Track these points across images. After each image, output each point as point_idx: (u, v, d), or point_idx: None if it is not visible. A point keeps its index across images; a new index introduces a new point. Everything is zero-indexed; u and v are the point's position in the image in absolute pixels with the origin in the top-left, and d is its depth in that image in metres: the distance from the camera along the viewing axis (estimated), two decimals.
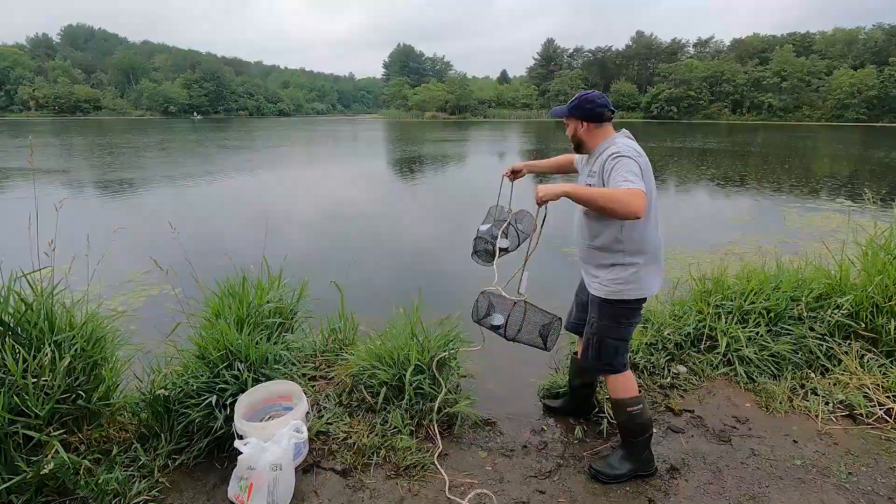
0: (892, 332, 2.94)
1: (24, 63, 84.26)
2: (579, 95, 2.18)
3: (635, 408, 2.22)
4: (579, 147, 2.24)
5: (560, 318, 2.25)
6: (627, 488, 2.22)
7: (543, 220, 2.10)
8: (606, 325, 2.21)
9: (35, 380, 1.98)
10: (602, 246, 2.14)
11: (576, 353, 2.54)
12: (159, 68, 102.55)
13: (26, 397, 1.94)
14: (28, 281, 2.26)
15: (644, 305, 2.27)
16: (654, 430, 2.61)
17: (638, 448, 2.27)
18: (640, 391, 2.32)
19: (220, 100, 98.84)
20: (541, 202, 1.97)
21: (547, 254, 6.41)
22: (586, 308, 2.37)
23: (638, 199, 1.81)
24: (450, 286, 5.26)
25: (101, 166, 15.97)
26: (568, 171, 2.58)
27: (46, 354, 2.03)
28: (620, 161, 1.94)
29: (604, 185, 1.98)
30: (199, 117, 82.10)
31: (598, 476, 2.26)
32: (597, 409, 2.74)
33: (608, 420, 2.64)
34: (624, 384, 2.26)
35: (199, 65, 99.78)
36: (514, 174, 2.64)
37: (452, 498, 2.15)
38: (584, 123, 2.15)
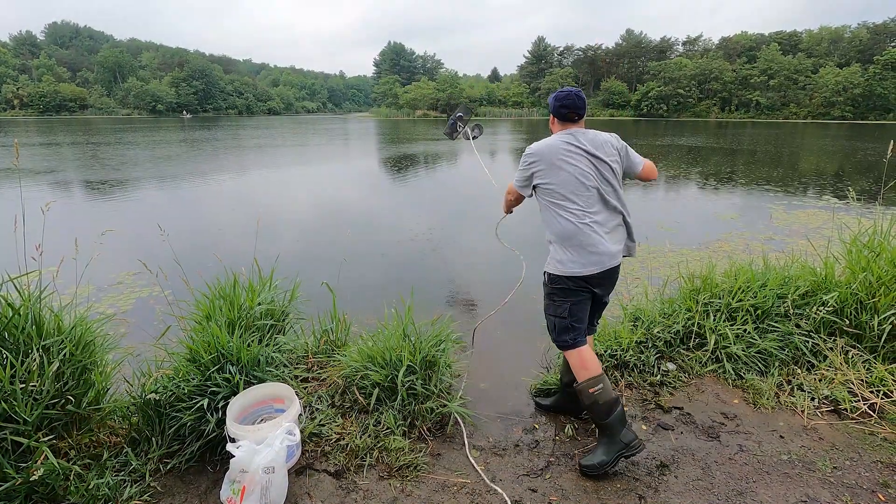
0: (876, 329, 3.00)
1: (8, 61, 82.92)
2: (555, 91, 2.50)
3: (596, 388, 2.30)
4: None
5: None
6: (618, 485, 2.25)
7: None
8: (546, 302, 2.49)
9: (23, 385, 1.97)
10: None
11: None
12: (146, 66, 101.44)
13: (14, 403, 1.92)
14: (15, 285, 2.23)
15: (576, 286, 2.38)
16: (645, 428, 2.65)
17: (614, 428, 2.29)
18: (600, 370, 2.37)
19: (209, 98, 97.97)
20: None
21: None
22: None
23: (507, 193, 2.75)
24: (442, 286, 5.28)
25: (89, 167, 15.76)
26: None
27: (34, 359, 2.01)
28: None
29: None
30: (188, 116, 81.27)
31: (585, 470, 2.29)
32: None
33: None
34: (580, 362, 2.37)
35: (188, 63, 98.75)
36: None
37: (491, 485, 2.23)
38: (552, 116, 2.50)
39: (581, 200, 2.31)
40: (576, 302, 2.37)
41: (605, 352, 3.14)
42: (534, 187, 2.46)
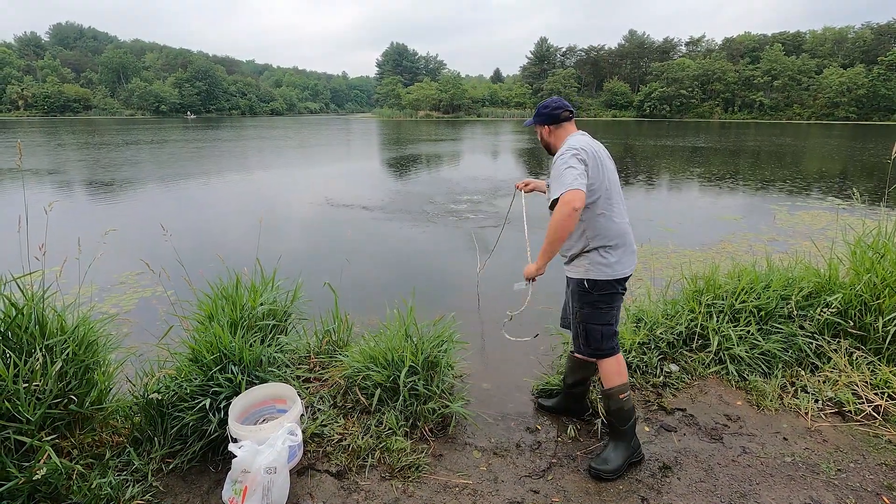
0: (881, 330, 2.98)
1: (13, 62, 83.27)
2: (538, 105, 2.46)
3: (625, 394, 2.33)
4: (549, 149, 2.46)
5: None
6: (620, 486, 2.24)
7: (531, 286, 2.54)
8: (588, 312, 2.32)
9: (26, 385, 1.97)
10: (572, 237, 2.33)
11: (572, 352, 2.58)
12: (150, 67, 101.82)
13: (17, 402, 1.92)
14: (18, 285, 2.24)
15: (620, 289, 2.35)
16: (647, 429, 2.64)
17: (628, 435, 2.34)
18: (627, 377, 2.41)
19: (212, 99, 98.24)
20: (528, 279, 2.45)
21: None
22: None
23: (568, 202, 2.04)
24: (444, 287, 5.27)
25: (92, 167, 15.83)
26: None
27: (38, 359, 2.01)
28: (559, 160, 2.17)
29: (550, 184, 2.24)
30: (192, 117, 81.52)
31: (601, 475, 2.26)
32: (590, 411, 2.75)
33: (602, 420, 2.65)
34: (617, 367, 2.35)
35: (191, 64, 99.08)
36: (527, 185, 3.05)
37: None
38: (547, 127, 2.42)
39: (621, 200, 2.32)
40: (618, 306, 2.37)
41: None
42: None
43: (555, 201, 2.10)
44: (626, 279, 2.32)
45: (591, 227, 2.24)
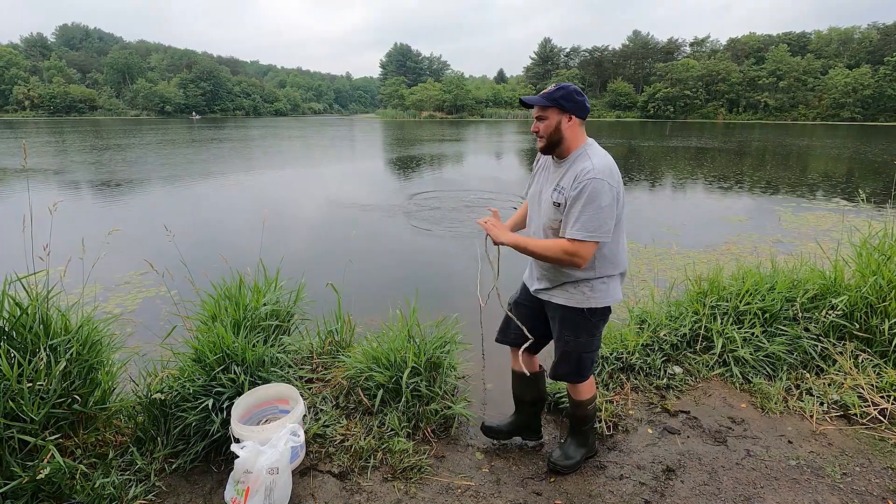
0: (887, 333, 2.96)
1: (19, 63, 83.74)
2: (563, 86, 1.91)
3: (593, 403, 2.33)
4: (554, 146, 1.96)
5: None
6: (623, 489, 2.23)
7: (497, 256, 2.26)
8: (585, 340, 2.13)
9: (30, 384, 1.98)
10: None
11: (515, 370, 2.41)
12: (155, 68, 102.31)
13: (21, 402, 1.93)
14: (23, 285, 2.25)
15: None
16: (651, 431, 2.63)
17: (588, 434, 2.38)
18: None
19: (217, 99, 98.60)
20: (495, 243, 2.10)
21: None
22: (533, 320, 2.28)
23: (580, 259, 1.86)
24: (447, 288, 5.27)
25: (97, 167, 15.90)
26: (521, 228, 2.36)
27: (42, 359, 2.02)
28: (592, 191, 1.81)
29: (568, 208, 1.88)
30: (197, 117, 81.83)
31: (559, 469, 2.31)
32: (542, 436, 2.57)
33: (604, 423, 2.65)
34: (589, 388, 2.31)
35: (196, 64, 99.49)
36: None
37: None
38: (571, 117, 1.91)
39: (623, 223, 2.04)
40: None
41: (611, 354, 3.12)
42: None
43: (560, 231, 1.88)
44: None
45: (602, 256, 1.98)
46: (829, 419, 2.70)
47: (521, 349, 2.28)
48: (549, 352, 2.38)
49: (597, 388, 2.85)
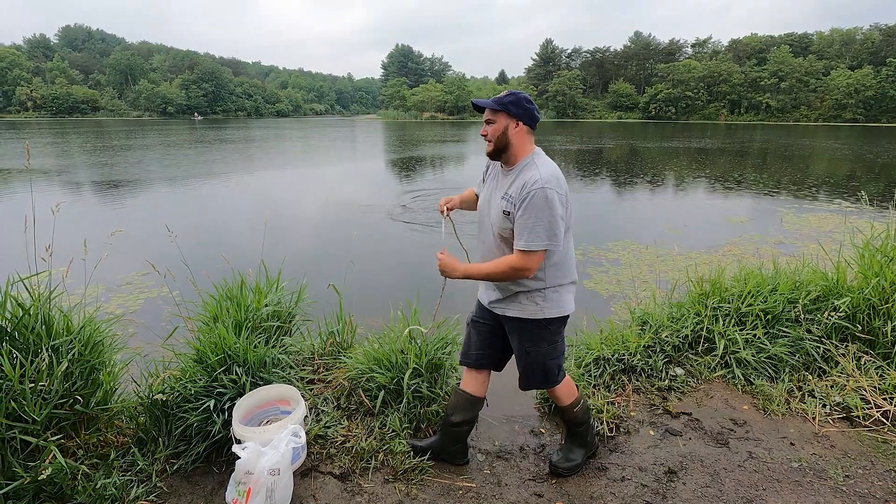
0: (889, 335, 2.95)
1: (22, 64, 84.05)
2: (514, 92, 1.95)
3: (578, 406, 2.30)
4: (502, 151, 1.97)
5: None
6: (625, 491, 2.23)
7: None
8: (546, 349, 2.10)
9: (32, 385, 1.98)
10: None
11: (458, 386, 2.34)
12: (157, 69, 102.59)
13: (24, 402, 1.93)
14: (25, 285, 2.26)
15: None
16: (652, 433, 2.63)
17: (585, 434, 2.37)
18: (576, 387, 2.36)
19: (219, 100, 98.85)
20: (443, 274, 2.11)
21: None
22: (491, 337, 2.23)
23: (529, 270, 1.87)
24: (448, 289, 5.26)
25: (99, 168, 15.94)
26: (472, 207, 2.38)
27: (44, 359, 2.02)
28: (539, 200, 1.80)
29: (515, 218, 1.87)
30: (199, 118, 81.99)
31: (561, 471, 2.31)
32: (468, 459, 2.41)
33: (606, 425, 2.64)
34: (568, 386, 2.28)
35: (197, 65, 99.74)
36: (449, 203, 2.50)
37: None
38: (519, 124, 1.92)
39: (571, 233, 2.05)
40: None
41: (613, 356, 3.11)
42: None
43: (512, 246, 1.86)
44: None
45: (552, 265, 1.97)
46: (831, 421, 2.69)
47: (481, 370, 2.27)
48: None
49: (598, 389, 2.86)
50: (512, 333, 2.15)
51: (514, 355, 2.23)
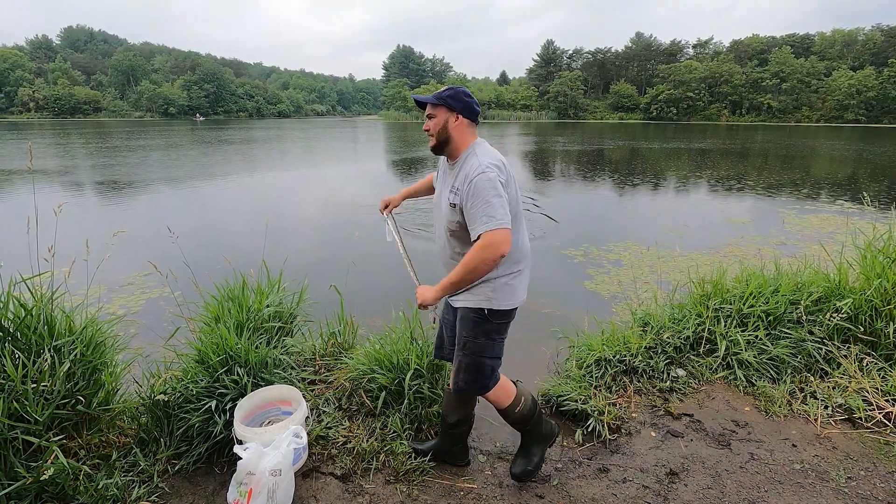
0: (892, 336, 2.95)
1: (24, 65, 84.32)
2: (453, 87, 1.97)
3: (520, 404, 2.20)
4: (443, 145, 1.99)
5: None
6: (626, 492, 2.22)
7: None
8: (483, 343, 2.04)
9: (35, 385, 1.99)
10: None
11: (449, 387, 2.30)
12: (159, 70, 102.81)
13: (26, 403, 1.94)
14: (27, 286, 2.26)
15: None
16: (654, 434, 2.62)
17: (536, 428, 2.27)
18: (514, 383, 2.25)
19: (220, 101, 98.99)
20: (422, 307, 2.02)
21: (548, 255, 6.42)
22: (454, 331, 2.19)
23: (497, 245, 1.77)
24: None
25: (102, 168, 15.97)
26: (430, 192, 2.38)
27: (46, 360, 2.03)
28: (481, 185, 1.80)
29: (464, 209, 1.87)
30: (201, 119, 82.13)
31: (524, 477, 2.24)
32: (468, 460, 2.42)
33: (607, 426, 2.64)
34: (504, 391, 2.18)
35: (199, 66, 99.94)
36: (388, 207, 2.52)
37: None
38: (459, 117, 1.95)
39: (523, 216, 2.05)
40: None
41: (615, 357, 3.11)
42: None
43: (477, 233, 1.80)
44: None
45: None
46: (833, 423, 2.69)
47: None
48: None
49: (599, 390, 2.85)
50: (458, 323, 2.10)
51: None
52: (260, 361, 2.61)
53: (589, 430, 2.65)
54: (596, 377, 3.01)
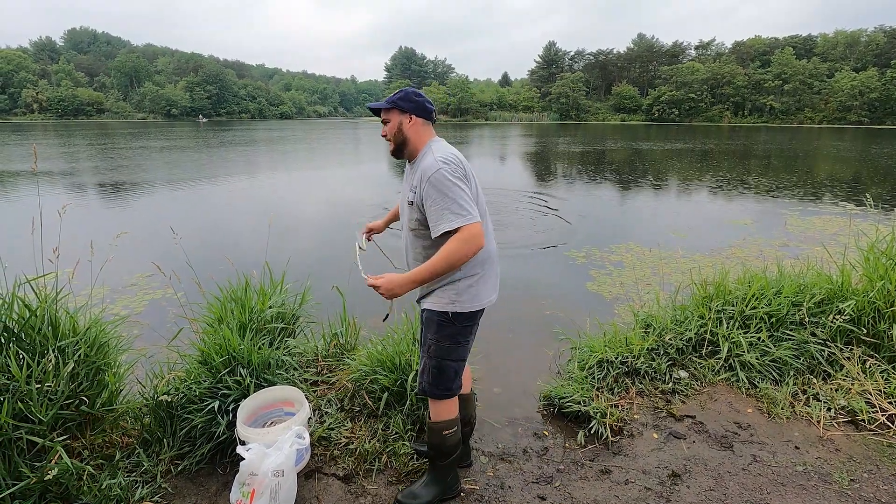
0: (895, 338, 2.94)
1: (28, 66, 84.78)
2: (403, 89, 1.99)
3: (452, 430, 2.07)
4: (402, 147, 1.99)
5: None
6: (628, 494, 2.22)
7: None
8: (447, 346, 2.00)
9: (39, 385, 1.99)
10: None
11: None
12: (162, 71, 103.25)
13: (30, 403, 1.95)
14: (32, 287, 2.27)
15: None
16: (656, 436, 2.62)
17: (445, 471, 2.14)
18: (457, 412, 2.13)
19: (223, 103, 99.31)
20: (390, 297, 1.93)
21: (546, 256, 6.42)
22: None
23: (478, 237, 1.76)
24: None
25: (105, 170, 16.03)
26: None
27: (50, 360, 2.04)
28: (440, 181, 1.78)
29: (423, 206, 1.86)
30: (203, 120, 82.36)
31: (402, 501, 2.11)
32: (470, 461, 2.42)
33: (609, 428, 2.64)
34: (452, 406, 2.09)
35: (202, 68, 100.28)
36: (370, 233, 2.60)
37: None
38: (412, 117, 1.96)
39: (489, 217, 2.03)
40: (473, 339, 2.10)
41: (617, 358, 3.11)
42: None
43: (444, 230, 1.77)
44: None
45: None
46: (836, 425, 2.68)
47: None
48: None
49: (601, 391, 2.85)
50: (423, 325, 2.07)
51: None
52: (263, 362, 2.62)
53: (591, 431, 2.64)
54: (598, 379, 3.01)
